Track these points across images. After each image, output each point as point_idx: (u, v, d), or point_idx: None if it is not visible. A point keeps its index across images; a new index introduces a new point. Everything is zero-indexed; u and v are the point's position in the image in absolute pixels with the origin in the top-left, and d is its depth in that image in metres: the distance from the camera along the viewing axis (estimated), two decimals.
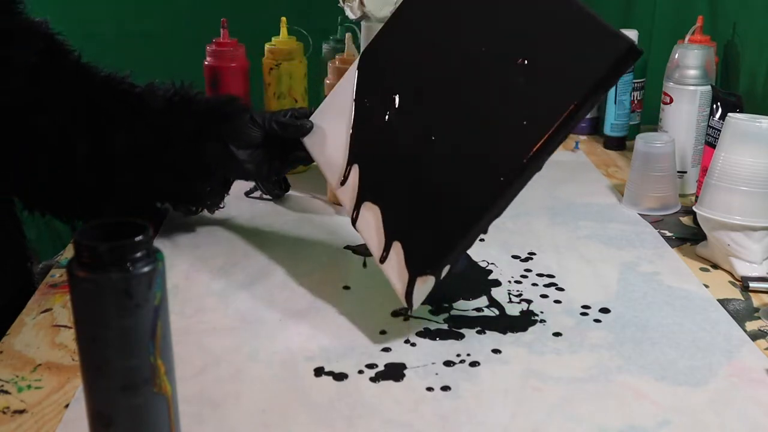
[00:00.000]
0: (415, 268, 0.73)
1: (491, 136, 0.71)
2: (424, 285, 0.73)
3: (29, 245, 0.97)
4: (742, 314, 0.81)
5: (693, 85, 1.12)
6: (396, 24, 0.84)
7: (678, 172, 1.11)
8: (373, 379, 0.70)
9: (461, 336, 0.77)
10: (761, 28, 1.25)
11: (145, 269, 0.50)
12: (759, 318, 0.81)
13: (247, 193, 1.13)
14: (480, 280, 0.88)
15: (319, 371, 0.71)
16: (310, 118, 0.90)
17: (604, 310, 0.82)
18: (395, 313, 0.80)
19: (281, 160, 0.95)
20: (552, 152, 0.69)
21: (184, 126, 0.93)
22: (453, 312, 0.81)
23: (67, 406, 0.66)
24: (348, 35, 1.09)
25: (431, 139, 0.75)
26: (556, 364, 0.72)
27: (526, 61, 0.70)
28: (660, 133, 1.15)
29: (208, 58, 1.17)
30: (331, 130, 0.86)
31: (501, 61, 0.72)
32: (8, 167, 0.90)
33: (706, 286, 0.87)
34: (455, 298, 0.84)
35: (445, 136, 0.75)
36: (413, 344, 0.75)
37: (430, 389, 0.68)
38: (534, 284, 0.88)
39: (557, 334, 0.77)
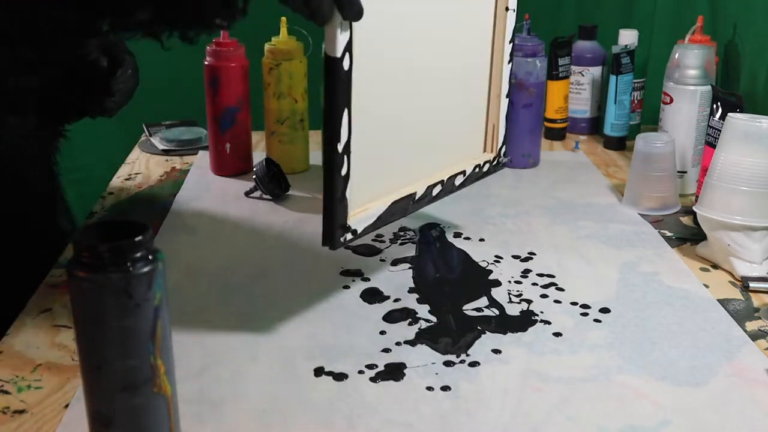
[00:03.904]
0: None
1: None
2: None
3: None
4: (742, 314, 0.81)
5: (693, 85, 1.12)
6: None
7: (678, 172, 1.11)
8: (373, 379, 0.70)
9: (461, 336, 0.77)
10: (761, 28, 1.25)
11: (145, 269, 0.50)
12: (759, 318, 0.81)
13: (247, 193, 1.13)
14: (480, 280, 0.88)
15: (319, 371, 0.71)
16: None
17: (604, 310, 0.82)
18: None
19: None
20: None
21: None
22: (452, 312, 0.81)
23: (67, 406, 0.66)
24: None
25: None
26: (556, 364, 0.72)
27: None
28: (660, 133, 1.15)
29: (208, 58, 1.17)
30: None
31: None
32: None
33: (706, 286, 0.87)
34: (455, 298, 0.84)
35: None
36: (413, 344, 0.75)
37: (430, 389, 0.68)
38: (534, 284, 0.88)
39: (557, 334, 0.77)
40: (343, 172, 0.75)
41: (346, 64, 0.71)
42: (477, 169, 0.96)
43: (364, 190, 0.79)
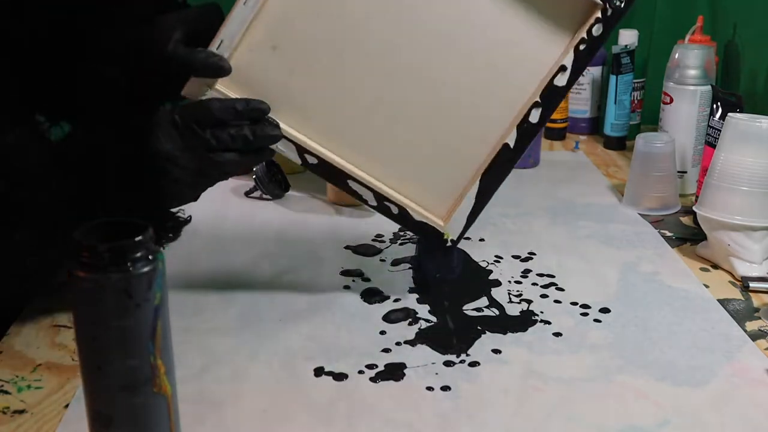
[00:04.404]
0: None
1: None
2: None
3: None
4: (742, 314, 0.81)
5: (693, 85, 1.12)
6: None
7: (678, 172, 1.11)
8: (373, 379, 0.70)
9: (461, 336, 0.77)
10: (761, 28, 1.25)
11: (145, 269, 0.50)
12: (759, 318, 0.81)
13: (247, 193, 1.13)
14: (480, 280, 0.88)
15: (319, 371, 0.71)
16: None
17: (604, 310, 0.82)
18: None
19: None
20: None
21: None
22: (452, 312, 0.81)
23: (67, 406, 0.66)
24: None
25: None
26: (556, 364, 0.72)
27: None
28: (660, 133, 1.15)
29: None
30: None
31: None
32: None
33: (706, 286, 0.87)
34: (455, 298, 0.84)
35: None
36: (413, 344, 0.75)
37: (430, 389, 0.68)
38: (534, 284, 0.87)
39: (557, 334, 0.77)
40: (395, 211, 0.79)
41: (313, 160, 0.76)
42: (583, 45, 0.77)
43: (437, 198, 0.80)
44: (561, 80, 0.78)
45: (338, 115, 0.77)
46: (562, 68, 0.77)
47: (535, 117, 0.78)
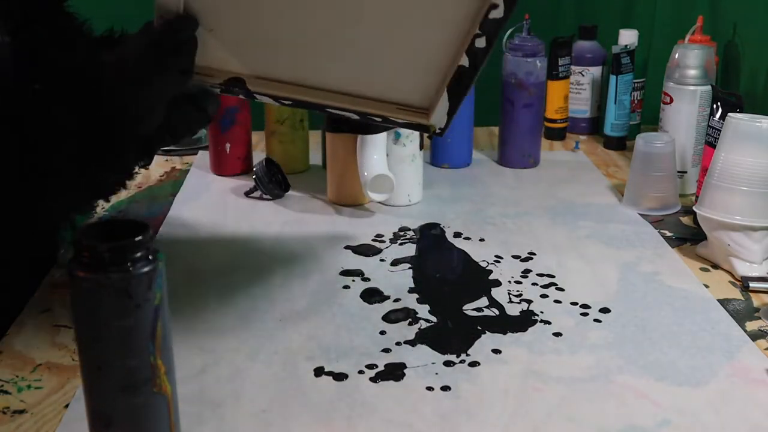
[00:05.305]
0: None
1: None
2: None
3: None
4: (742, 314, 0.81)
5: (693, 85, 1.12)
6: None
7: (678, 172, 1.11)
8: (373, 379, 0.70)
9: (461, 336, 0.77)
10: (761, 28, 1.25)
11: (145, 269, 0.50)
12: (759, 318, 0.81)
13: (247, 193, 1.13)
14: (480, 280, 0.88)
15: (319, 371, 0.71)
16: None
17: (604, 310, 0.82)
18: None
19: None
20: None
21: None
22: (452, 312, 0.81)
23: (67, 406, 0.66)
24: None
25: None
26: (556, 364, 0.72)
27: None
28: (660, 133, 1.15)
29: None
30: None
31: None
32: None
33: (706, 286, 0.87)
34: (454, 298, 0.84)
35: None
36: (413, 344, 0.75)
37: (430, 389, 0.68)
38: (534, 284, 0.88)
39: (557, 334, 0.77)
40: (380, 120, 0.77)
41: (289, 102, 0.75)
42: None
43: (414, 96, 0.76)
44: None
45: (295, 60, 0.76)
46: None
47: None
